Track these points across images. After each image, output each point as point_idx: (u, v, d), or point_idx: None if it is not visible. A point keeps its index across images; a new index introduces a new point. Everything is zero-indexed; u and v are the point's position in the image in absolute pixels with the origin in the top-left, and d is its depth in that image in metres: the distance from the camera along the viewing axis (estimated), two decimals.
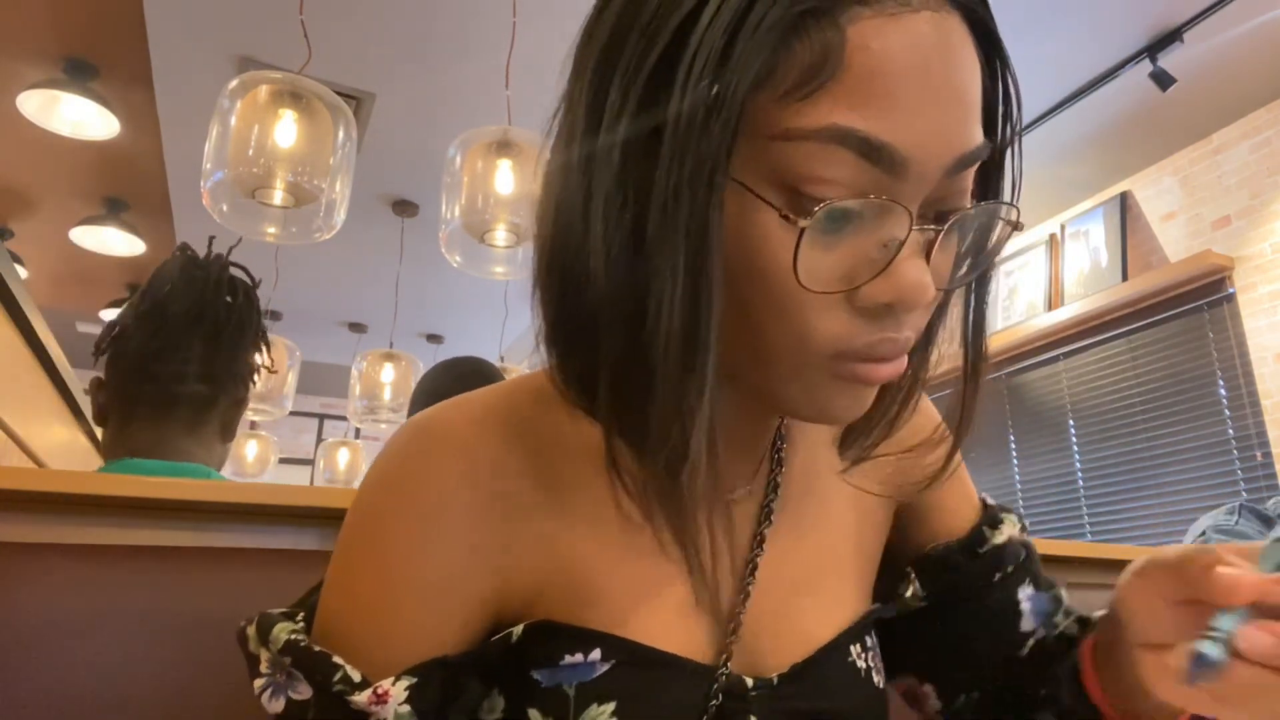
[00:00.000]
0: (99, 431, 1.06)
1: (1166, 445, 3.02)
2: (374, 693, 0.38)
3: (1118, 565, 1.14)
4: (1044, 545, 1.33)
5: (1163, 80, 2.60)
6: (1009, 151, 0.42)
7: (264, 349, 1.14)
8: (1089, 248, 3.41)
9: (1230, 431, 2.82)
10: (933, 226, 0.37)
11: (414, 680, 0.39)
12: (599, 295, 0.37)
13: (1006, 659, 0.55)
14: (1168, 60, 2.59)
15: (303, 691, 0.39)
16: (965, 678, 0.57)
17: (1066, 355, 3.44)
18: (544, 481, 0.44)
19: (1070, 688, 0.50)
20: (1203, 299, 3.00)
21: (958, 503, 0.57)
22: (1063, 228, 3.53)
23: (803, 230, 0.34)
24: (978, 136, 0.37)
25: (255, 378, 1.13)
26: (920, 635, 0.56)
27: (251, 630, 0.42)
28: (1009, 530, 0.56)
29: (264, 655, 0.41)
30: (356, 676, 0.39)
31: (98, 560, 0.69)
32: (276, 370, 1.34)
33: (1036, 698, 0.53)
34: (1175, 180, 3.21)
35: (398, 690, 0.39)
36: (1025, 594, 0.56)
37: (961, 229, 0.40)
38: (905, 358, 0.40)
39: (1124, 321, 3.23)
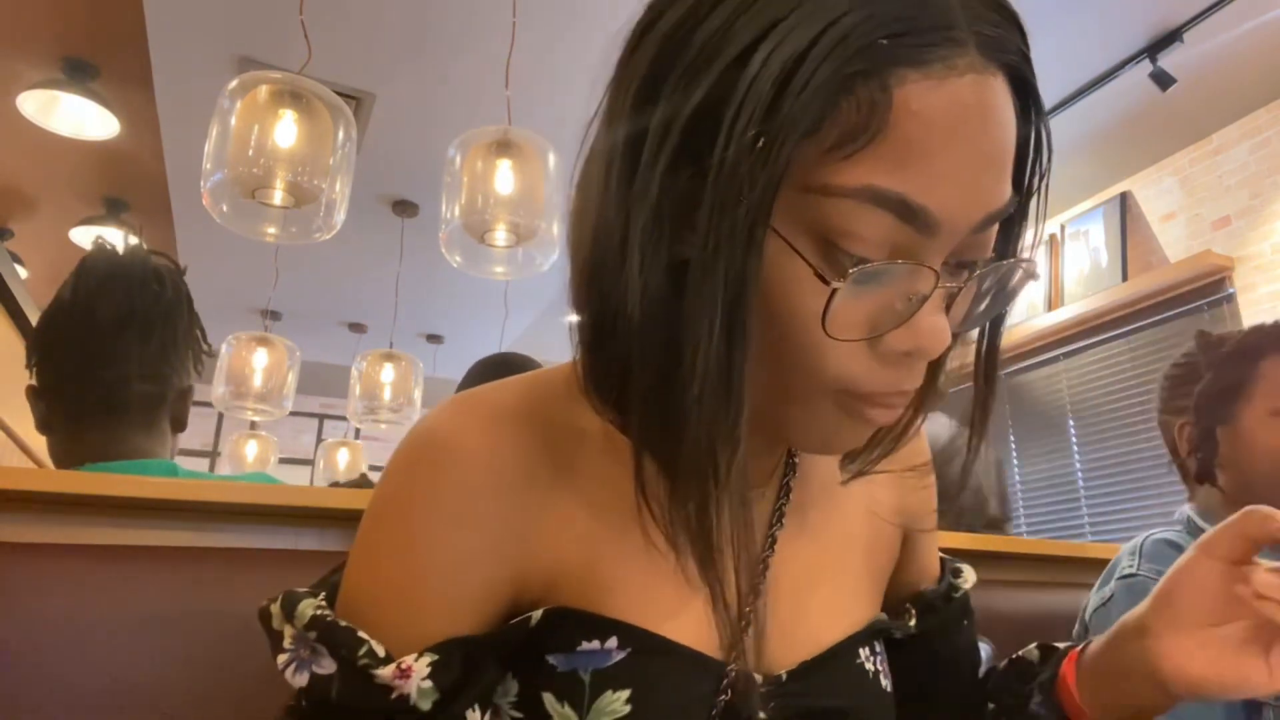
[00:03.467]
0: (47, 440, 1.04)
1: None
2: (398, 668, 0.39)
3: None
4: (1044, 545, 1.33)
5: (1163, 80, 2.60)
6: (1034, 198, 0.44)
7: (200, 333, 1.13)
8: (1089, 248, 3.41)
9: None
10: (955, 284, 0.39)
11: (436, 657, 0.40)
12: (634, 329, 0.38)
13: (964, 699, 0.60)
14: (1168, 60, 2.59)
15: (326, 666, 0.40)
16: (926, 714, 0.59)
17: (1066, 355, 3.44)
18: (561, 472, 0.45)
19: (1042, 699, 0.54)
20: (1203, 299, 3.00)
21: (932, 548, 0.62)
22: (1063, 228, 3.54)
23: (834, 290, 0.36)
24: (1007, 192, 0.38)
25: (199, 365, 1.12)
26: (896, 670, 0.58)
27: (275, 608, 0.43)
28: (970, 579, 0.61)
29: (288, 631, 0.42)
30: (381, 651, 0.40)
31: (98, 560, 0.69)
32: (213, 354, 1.32)
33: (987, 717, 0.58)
34: (1175, 180, 3.21)
35: (420, 666, 0.39)
36: (980, 641, 0.63)
37: (981, 277, 0.42)
38: (905, 404, 0.42)
39: (1124, 322, 3.23)
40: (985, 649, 0.64)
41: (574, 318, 0.43)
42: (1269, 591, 0.43)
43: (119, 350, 1.01)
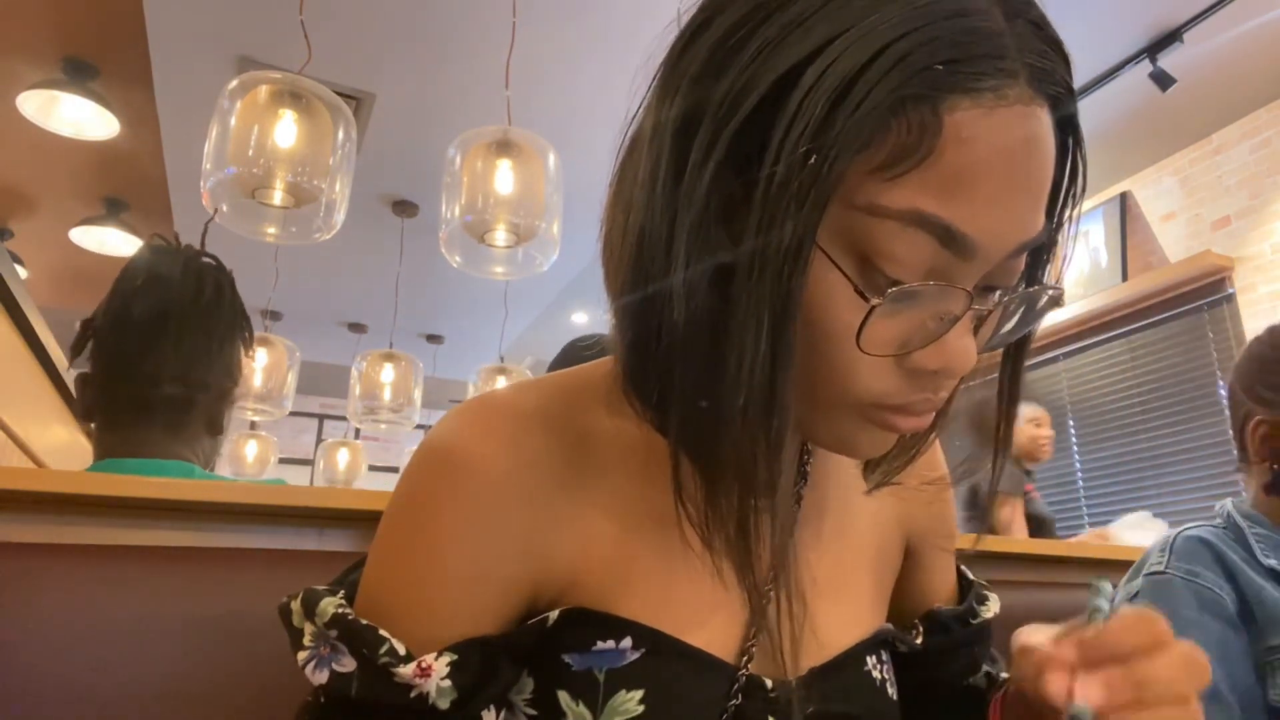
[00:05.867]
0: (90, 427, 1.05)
1: (1166, 445, 3.02)
2: (418, 666, 0.40)
3: (1117, 565, 1.14)
4: (1043, 545, 1.33)
5: (1163, 80, 2.60)
6: (1064, 227, 0.44)
7: (246, 337, 1.11)
8: (1089, 248, 3.41)
9: (1230, 431, 2.82)
10: (985, 306, 0.40)
11: (455, 657, 0.40)
12: (678, 334, 0.38)
13: None
14: (1168, 60, 2.59)
15: (346, 664, 0.41)
16: None
17: (1066, 355, 3.44)
18: (582, 476, 0.45)
19: None
20: (1202, 299, 3.00)
21: (948, 566, 0.62)
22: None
23: (873, 306, 0.36)
24: (1041, 222, 0.39)
25: (239, 369, 1.11)
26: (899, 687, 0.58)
27: (296, 605, 0.43)
28: (994, 608, 0.61)
29: (308, 629, 0.42)
30: (402, 650, 0.40)
31: (98, 560, 0.69)
32: (252, 357, 1.32)
33: None
34: (1175, 180, 3.21)
35: (440, 665, 0.40)
36: (986, 666, 0.62)
37: (1008, 301, 0.42)
38: (934, 412, 0.43)
39: (1124, 322, 3.23)
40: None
41: (611, 317, 0.43)
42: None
43: (152, 350, 1.01)
